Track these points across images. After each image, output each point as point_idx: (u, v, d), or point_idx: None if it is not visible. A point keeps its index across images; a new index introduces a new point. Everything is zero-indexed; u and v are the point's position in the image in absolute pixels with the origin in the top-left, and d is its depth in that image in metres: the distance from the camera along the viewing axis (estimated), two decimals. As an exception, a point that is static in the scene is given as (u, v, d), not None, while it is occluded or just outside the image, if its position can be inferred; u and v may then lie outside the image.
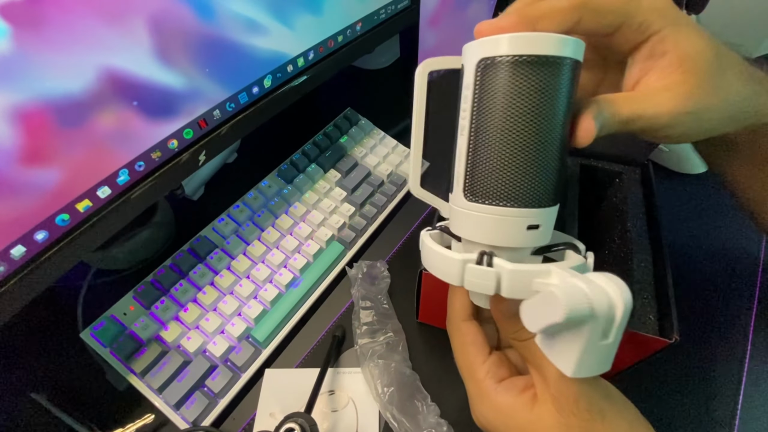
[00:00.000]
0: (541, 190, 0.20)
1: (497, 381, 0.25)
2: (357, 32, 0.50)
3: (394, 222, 0.54)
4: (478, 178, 0.21)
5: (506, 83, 0.19)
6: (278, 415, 0.34)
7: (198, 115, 0.38)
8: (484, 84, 0.20)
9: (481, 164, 0.21)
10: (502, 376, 0.25)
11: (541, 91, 0.19)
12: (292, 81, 0.45)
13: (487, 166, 0.20)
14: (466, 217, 0.22)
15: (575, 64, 0.20)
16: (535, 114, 0.19)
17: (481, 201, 0.21)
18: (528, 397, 0.23)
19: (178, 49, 0.34)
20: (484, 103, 0.20)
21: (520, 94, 0.19)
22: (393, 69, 0.73)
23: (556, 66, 0.19)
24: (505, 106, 0.19)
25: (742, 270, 0.49)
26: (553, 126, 0.20)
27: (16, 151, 0.28)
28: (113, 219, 0.35)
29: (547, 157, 0.20)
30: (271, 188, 0.51)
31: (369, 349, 0.41)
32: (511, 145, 0.20)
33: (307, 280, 0.45)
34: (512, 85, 0.19)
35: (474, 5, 0.59)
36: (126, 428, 0.38)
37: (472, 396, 0.26)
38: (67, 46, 0.28)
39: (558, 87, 0.19)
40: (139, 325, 0.40)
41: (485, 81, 0.20)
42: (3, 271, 0.30)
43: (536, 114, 0.19)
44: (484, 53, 0.20)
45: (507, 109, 0.19)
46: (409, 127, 0.64)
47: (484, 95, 0.20)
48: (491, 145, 0.20)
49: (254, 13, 0.38)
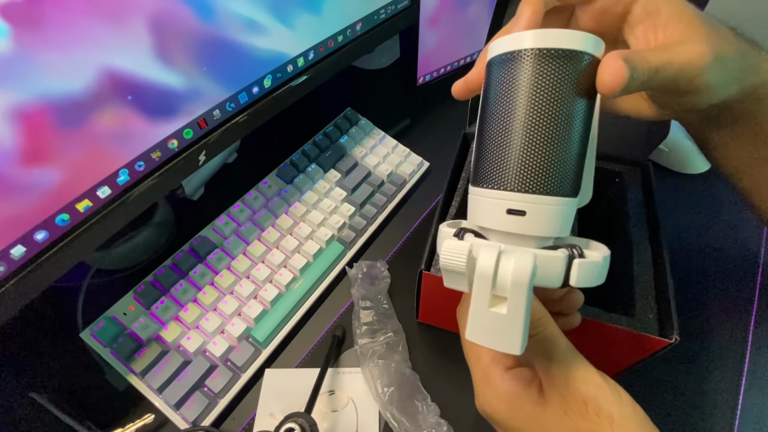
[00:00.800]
0: (529, 175, 0.20)
1: (504, 368, 0.24)
2: (357, 32, 0.50)
3: (394, 222, 0.54)
4: (479, 164, 0.22)
5: (528, 74, 0.20)
6: (278, 415, 0.34)
7: (198, 115, 0.38)
8: (505, 75, 0.21)
9: (482, 150, 0.22)
10: (509, 365, 0.24)
11: (557, 82, 0.19)
12: (292, 81, 0.45)
13: (483, 152, 0.22)
14: (469, 202, 0.23)
15: (593, 59, 0.20)
16: (548, 102, 0.20)
17: (476, 185, 0.22)
18: (535, 390, 0.23)
19: (178, 49, 0.34)
20: (501, 93, 0.21)
21: (539, 83, 0.20)
22: (393, 69, 0.73)
23: (575, 58, 0.19)
24: (520, 95, 0.20)
25: (742, 270, 0.49)
26: (560, 116, 0.20)
27: (16, 151, 0.28)
28: (113, 219, 0.35)
29: (542, 144, 0.20)
30: (271, 188, 0.51)
31: (369, 349, 0.41)
32: (503, 130, 0.21)
33: (307, 280, 0.45)
34: (534, 75, 0.20)
35: (474, 5, 0.59)
36: (126, 428, 0.38)
37: (477, 381, 0.25)
38: (67, 46, 0.28)
39: (574, 79, 0.20)
40: (139, 325, 0.40)
41: (507, 72, 0.21)
42: (3, 271, 0.30)
43: (549, 102, 0.20)
44: (506, 48, 0.21)
45: (522, 97, 0.20)
46: (408, 127, 0.64)
47: (504, 86, 0.21)
48: (491, 133, 0.21)
49: (254, 13, 0.38)
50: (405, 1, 0.54)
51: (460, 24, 0.60)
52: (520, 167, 0.20)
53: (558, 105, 0.20)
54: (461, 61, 0.65)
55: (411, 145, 0.59)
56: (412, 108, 0.66)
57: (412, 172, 0.56)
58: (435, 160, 0.58)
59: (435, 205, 0.55)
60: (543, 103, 0.20)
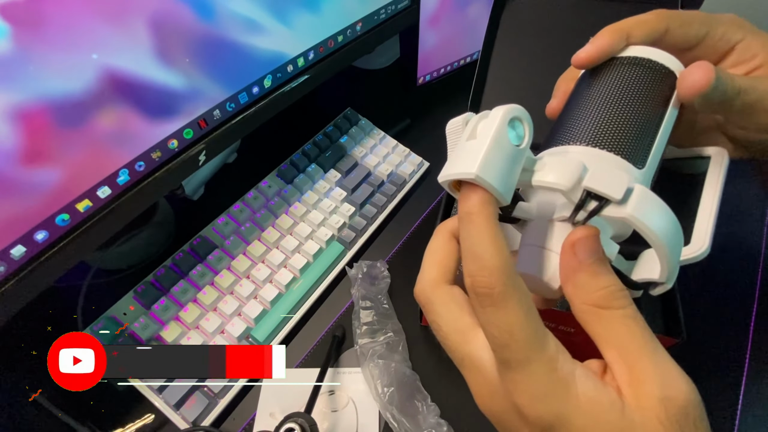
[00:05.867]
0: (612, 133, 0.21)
1: (571, 360, 0.17)
2: (357, 32, 0.50)
3: (394, 222, 0.54)
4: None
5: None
6: (278, 415, 0.34)
7: (198, 115, 0.38)
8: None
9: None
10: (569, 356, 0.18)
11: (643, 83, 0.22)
12: (292, 81, 0.45)
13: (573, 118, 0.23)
14: None
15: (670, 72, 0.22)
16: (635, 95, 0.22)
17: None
18: (615, 393, 0.16)
19: (178, 48, 0.34)
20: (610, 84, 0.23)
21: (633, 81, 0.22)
22: (393, 69, 0.73)
23: (664, 72, 0.22)
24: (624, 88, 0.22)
25: (742, 270, 0.49)
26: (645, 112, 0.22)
27: (16, 151, 0.28)
28: (113, 219, 0.35)
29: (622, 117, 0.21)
30: (271, 188, 0.51)
31: (369, 349, 0.41)
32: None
33: (307, 280, 0.45)
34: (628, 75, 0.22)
35: (474, 5, 0.59)
36: (126, 428, 0.38)
37: (467, 369, 0.20)
38: (67, 45, 0.28)
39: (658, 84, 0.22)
40: (139, 325, 0.40)
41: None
42: (3, 271, 0.30)
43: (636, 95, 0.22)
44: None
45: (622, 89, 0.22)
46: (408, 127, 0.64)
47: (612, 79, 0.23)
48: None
49: (254, 13, 0.38)
50: (405, 1, 0.54)
51: (460, 24, 0.60)
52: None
53: (651, 106, 0.22)
54: (461, 61, 0.65)
55: (411, 145, 0.59)
56: (412, 108, 0.66)
57: (412, 172, 0.56)
58: (435, 160, 0.58)
59: (435, 205, 0.55)
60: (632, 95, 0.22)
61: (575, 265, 0.18)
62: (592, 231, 0.18)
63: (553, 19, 0.44)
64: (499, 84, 0.46)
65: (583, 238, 0.18)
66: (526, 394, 0.17)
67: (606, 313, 0.17)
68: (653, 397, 0.16)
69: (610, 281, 0.17)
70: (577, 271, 0.18)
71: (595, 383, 0.16)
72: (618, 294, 0.17)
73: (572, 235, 0.18)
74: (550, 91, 0.27)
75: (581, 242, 0.18)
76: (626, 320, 0.17)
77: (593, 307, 0.17)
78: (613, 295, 0.17)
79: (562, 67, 0.27)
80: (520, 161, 0.19)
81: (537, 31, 0.45)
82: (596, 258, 0.17)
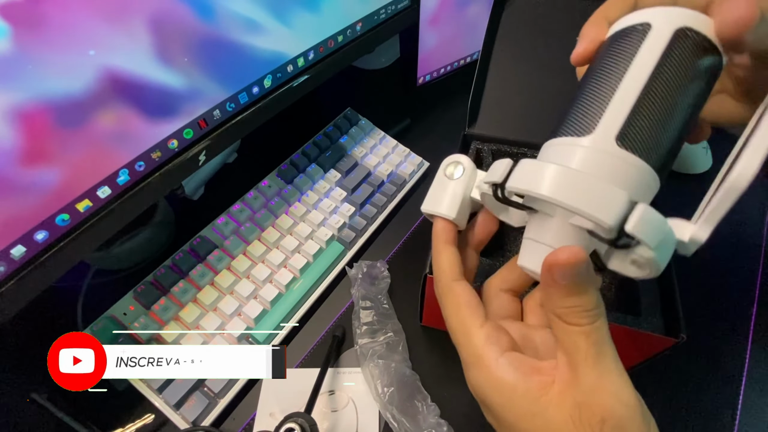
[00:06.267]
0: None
1: (500, 350, 0.21)
2: (357, 32, 0.50)
3: (394, 222, 0.54)
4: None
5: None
6: (278, 415, 0.34)
7: (198, 115, 0.38)
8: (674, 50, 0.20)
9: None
10: (504, 346, 0.21)
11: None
12: (292, 81, 0.45)
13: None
14: None
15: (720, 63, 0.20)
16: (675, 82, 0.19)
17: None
18: (536, 384, 0.19)
19: (178, 48, 0.34)
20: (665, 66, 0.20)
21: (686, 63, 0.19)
22: (393, 69, 0.73)
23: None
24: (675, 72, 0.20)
25: (743, 269, 0.49)
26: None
27: (16, 151, 0.28)
28: (113, 219, 0.35)
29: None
30: (271, 188, 0.51)
31: (369, 349, 0.40)
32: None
33: (307, 280, 0.45)
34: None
35: (474, 5, 0.59)
36: (126, 428, 0.38)
37: (468, 363, 0.22)
38: (67, 45, 0.28)
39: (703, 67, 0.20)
40: (139, 325, 0.40)
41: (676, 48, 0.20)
42: (3, 271, 0.30)
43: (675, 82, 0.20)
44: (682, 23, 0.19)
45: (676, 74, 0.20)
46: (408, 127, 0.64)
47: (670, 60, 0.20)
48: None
49: (254, 13, 0.38)
50: (405, 1, 0.54)
51: (460, 24, 0.60)
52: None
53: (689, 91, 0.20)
54: (461, 61, 0.65)
55: (411, 145, 0.59)
56: (412, 108, 0.66)
57: (412, 172, 0.56)
58: (435, 160, 0.58)
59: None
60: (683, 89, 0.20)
61: (549, 282, 0.19)
62: (573, 259, 0.18)
63: (553, 19, 0.44)
64: (499, 84, 0.46)
65: (562, 265, 0.18)
66: (466, 375, 0.23)
67: (566, 326, 0.19)
68: (572, 399, 0.18)
69: (579, 302, 0.18)
70: (549, 286, 0.19)
71: (516, 371, 0.20)
72: (583, 314, 0.18)
73: (553, 256, 0.18)
74: (550, 91, 0.27)
75: (559, 267, 0.18)
76: (583, 336, 0.18)
77: (557, 318, 0.19)
78: (578, 314, 0.18)
79: (562, 68, 0.26)
80: (465, 188, 0.26)
81: (537, 31, 0.45)
82: (570, 281, 0.18)
